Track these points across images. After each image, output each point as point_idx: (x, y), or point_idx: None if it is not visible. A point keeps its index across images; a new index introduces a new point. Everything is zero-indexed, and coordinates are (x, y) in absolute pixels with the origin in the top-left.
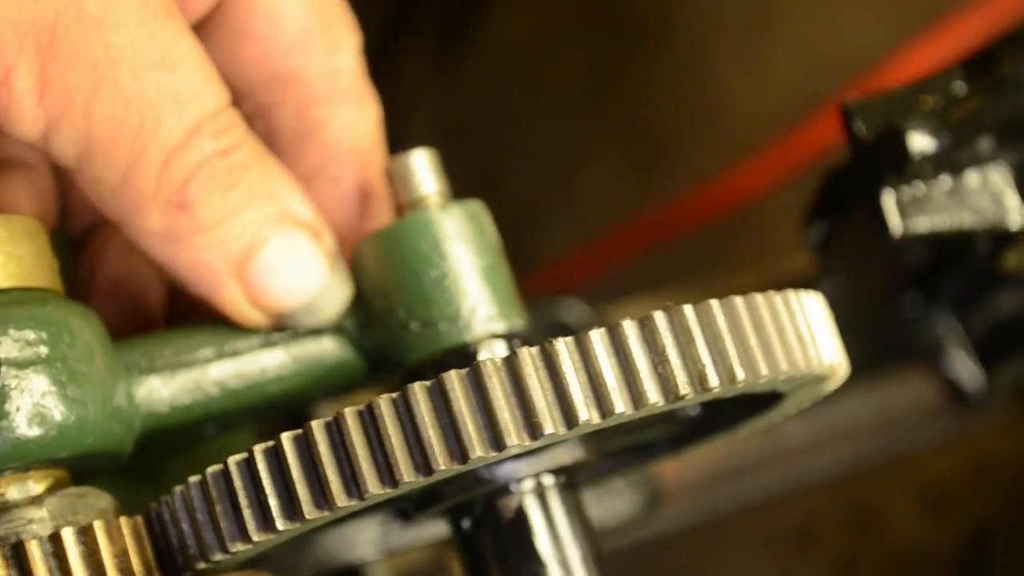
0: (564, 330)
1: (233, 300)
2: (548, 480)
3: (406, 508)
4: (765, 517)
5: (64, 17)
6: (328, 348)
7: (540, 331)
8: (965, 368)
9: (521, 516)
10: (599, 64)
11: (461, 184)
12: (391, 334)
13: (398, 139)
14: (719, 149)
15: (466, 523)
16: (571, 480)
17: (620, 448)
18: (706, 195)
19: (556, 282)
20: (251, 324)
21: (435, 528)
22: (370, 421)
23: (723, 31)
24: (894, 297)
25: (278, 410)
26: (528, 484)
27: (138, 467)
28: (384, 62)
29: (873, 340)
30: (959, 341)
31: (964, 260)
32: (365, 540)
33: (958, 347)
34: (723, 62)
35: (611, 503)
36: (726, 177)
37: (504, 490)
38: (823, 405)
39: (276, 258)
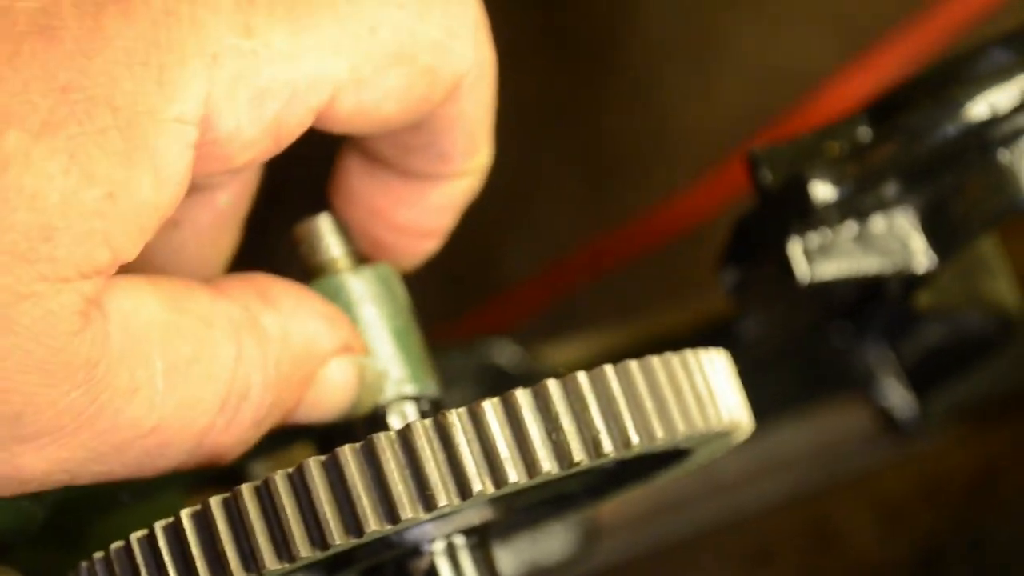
0: (495, 373)
1: None
2: (459, 540)
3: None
4: (723, 539)
5: None
6: None
7: (472, 374)
8: (898, 396)
9: None
10: (551, 88)
11: None
12: None
13: None
14: (672, 170)
15: None
16: (483, 539)
17: (537, 501)
18: (658, 217)
19: (513, 308)
20: None
21: None
22: (266, 496)
23: (670, 53)
24: (823, 329)
25: (192, 478)
26: (439, 545)
27: (61, 533)
28: None
29: (804, 371)
30: (891, 370)
31: (887, 297)
32: None
33: (891, 376)
34: (671, 83)
35: (546, 543)
36: (677, 199)
37: (415, 552)
38: (756, 440)
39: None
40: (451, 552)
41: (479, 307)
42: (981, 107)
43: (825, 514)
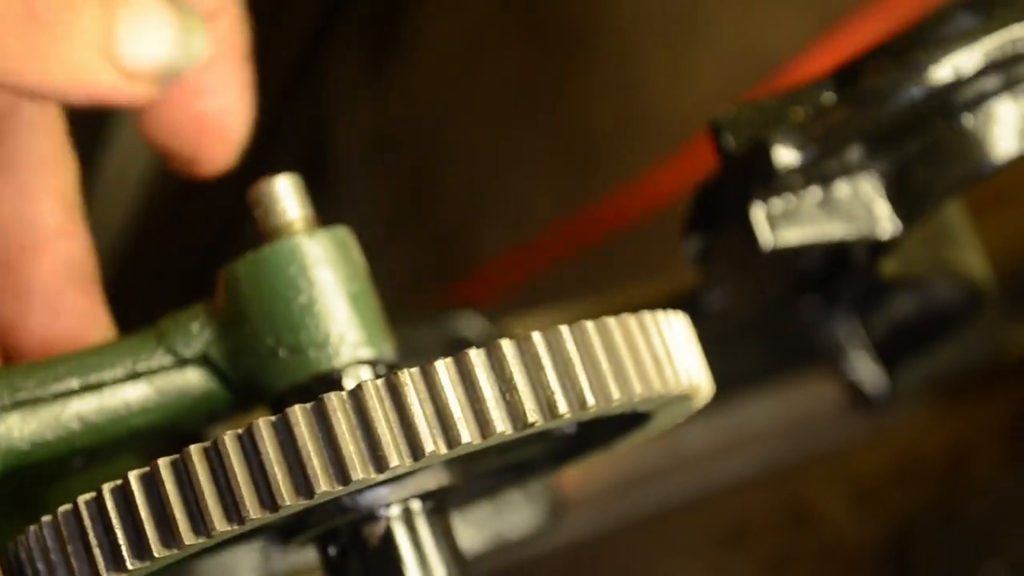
0: (461, 345)
1: (111, 85)
2: (416, 505)
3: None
4: (697, 516)
5: None
6: (193, 379)
7: (438, 346)
8: (867, 370)
9: (388, 542)
10: (528, 68)
11: (394, 189)
12: (259, 361)
13: (327, 144)
14: (649, 151)
15: (333, 550)
16: (440, 504)
17: (495, 468)
18: (631, 196)
19: (490, 286)
20: (140, 99)
21: (315, 552)
22: (216, 458)
23: (648, 34)
24: (791, 302)
25: (146, 441)
26: (395, 510)
27: (14, 499)
28: (312, 68)
29: (772, 345)
30: (861, 343)
31: (853, 264)
32: (245, 566)
33: (860, 349)
34: (649, 64)
35: (510, 516)
36: (650, 177)
37: (370, 516)
38: (724, 413)
39: (133, 17)
40: (407, 517)
41: (453, 284)
42: (945, 70)
43: (798, 492)
